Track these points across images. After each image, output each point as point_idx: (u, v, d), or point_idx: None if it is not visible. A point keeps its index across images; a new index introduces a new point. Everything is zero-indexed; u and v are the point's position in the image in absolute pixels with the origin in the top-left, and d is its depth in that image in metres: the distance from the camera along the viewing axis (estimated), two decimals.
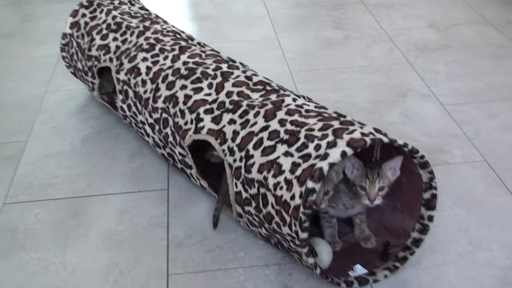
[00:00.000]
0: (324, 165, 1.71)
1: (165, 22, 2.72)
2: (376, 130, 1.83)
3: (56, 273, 2.03)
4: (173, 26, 2.66)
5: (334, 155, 1.72)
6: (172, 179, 2.44)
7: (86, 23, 2.73)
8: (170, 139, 2.24)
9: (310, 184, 1.71)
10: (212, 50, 2.45)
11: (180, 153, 2.23)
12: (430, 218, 1.94)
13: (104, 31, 2.64)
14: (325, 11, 3.94)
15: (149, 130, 2.38)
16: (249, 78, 2.20)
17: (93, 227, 2.22)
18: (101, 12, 2.73)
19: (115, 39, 2.58)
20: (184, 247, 2.12)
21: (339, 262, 2.02)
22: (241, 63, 2.36)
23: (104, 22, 2.68)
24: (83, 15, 2.77)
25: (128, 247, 2.13)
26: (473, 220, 2.20)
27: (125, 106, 2.46)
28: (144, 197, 2.35)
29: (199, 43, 2.50)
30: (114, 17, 2.68)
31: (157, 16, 2.78)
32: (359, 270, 1.98)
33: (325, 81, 3.10)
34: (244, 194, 1.95)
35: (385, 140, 1.75)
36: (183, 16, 3.93)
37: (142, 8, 2.86)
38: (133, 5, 2.85)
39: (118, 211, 2.29)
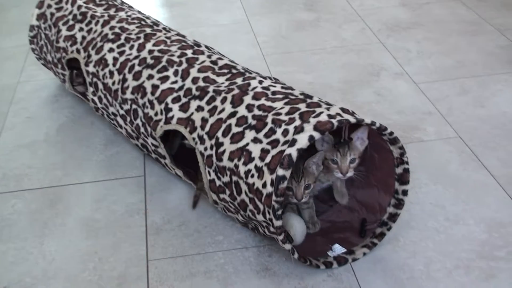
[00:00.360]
0: (292, 151, 1.71)
1: (130, 8, 2.69)
2: (344, 110, 1.83)
3: (35, 263, 2.03)
4: (139, 12, 2.63)
5: (302, 140, 1.72)
6: (148, 166, 2.43)
7: (52, 14, 2.70)
8: (142, 130, 2.24)
9: (280, 171, 1.71)
10: (178, 34, 2.43)
11: (152, 144, 2.23)
12: (405, 193, 1.96)
13: (71, 22, 2.61)
14: None
15: (121, 121, 2.37)
16: (214, 62, 2.20)
17: (70, 216, 2.21)
18: (66, 2, 2.70)
19: (81, 29, 2.56)
20: (163, 232, 2.12)
21: (317, 243, 2.03)
22: (206, 47, 2.35)
23: (70, 13, 2.65)
24: (49, 6, 2.74)
25: (107, 235, 2.13)
26: (449, 195, 2.21)
27: (96, 99, 2.45)
28: (121, 185, 2.34)
29: (164, 28, 2.48)
30: (79, 7, 2.65)
31: (122, 3, 2.75)
32: (338, 249, 1.99)
33: (298, 63, 3.11)
34: (218, 182, 1.96)
35: (352, 120, 1.76)
36: (153, 2, 3.91)
37: None
38: None
39: (95, 199, 2.28)
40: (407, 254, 1.99)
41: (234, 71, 2.15)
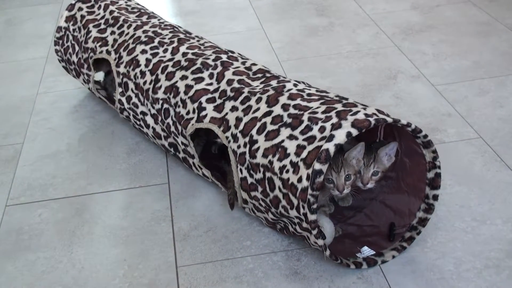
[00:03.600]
0: (330, 146, 1.72)
1: (161, 18, 2.73)
2: (379, 111, 1.84)
3: (65, 271, 2.04)
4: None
5: (340, 136, 1.73)
6: (172, 173, 2.44)
7: (83, 16, 2.74)
8: (172, 129, 2.25)
9: (317, 165, 1.72)
10: (210, 42, 2.46)
11: (182, 143, 2.24)
12: (435, 197, 1.96)
13: (102, 26, 2.65)
14: None
15: (150, 121, 2.38)
16: (248, 68, 2.21)
17: (97, 224, 2.22)
18: (99, 8, 2.74)
19: (112, 32, 2.59)
20: (190, 239, 2.13)
21: (346, 245, 2.04)
22: (239, 54, 2.36)
23: (102, 17, 2.69)
24: (80, 9, 2.78)
25: (134, 242, 2.14)
26: (474, 196, 2.22)
27: (123, 99, 2.46)
28: (145, 192, 2.35)
29: (197, 36, 2.51)
30: (111, 12, 2.69)
31: (153, 12, 2.79)
32: (366, 251, 2.00)
33: (314, 69, 3.12)
34: (250, 180, 1.96)
35: (389, 120, 1.77)
36: (167, 12, 3.93)
37: (138, 4, 2.87)
38: (130, 0, 2.86)
39: (121, 207, 2.29)
40: (436, 255, 1.99)
41: (268, 75, 2.16)
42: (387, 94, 2.85)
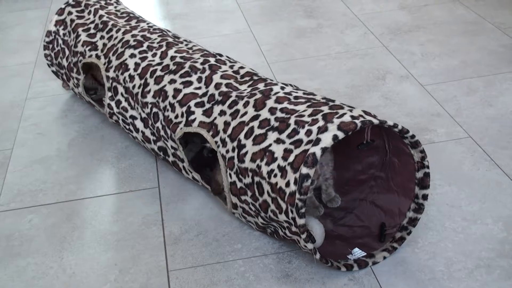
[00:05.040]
0: (317, 150, 1.73)
1: (150, 22, 2.73)
2: (366, 112, 1.85)
3: (56, 277, 2.03)
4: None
5: (326, 139, 1.73)
6: (162, 177, 2.44)
7: (72, 21, 2.74)
8: (162, 133, 2.25)
9: (304, 170, 1.73)
10: (199, 45, 2.46)
11: (172, 147, 2.24)
12: (425, 197, 1.97)
13: (92, 30, 2.66)
14: (295, 1, 3.95)
15: (140, 125, 2.38)
16: (236, 72, 2.22)
17: (88, 229, 2.22)
18: (89, 13, 2.75)
19: (102, 37, 2.60)
20: (181, 242, 2.13)
21: (336, 247, 2.04)
22: (227, 57, 2.36)
23: (92, 22, 2.70)
24: (70, 13, 2.79)
25: (125, 247, 2.13)
26: (464, 195, 2.23)
27: (113, 103, 2.46)
28: (136, 197, 2.35)
29: (185, 40, 2.51)
30: (100, 16, 2.69)
31: (141, 17, 2.79)
32: (357, 253, 2.00)
33: (303, 70, 3.12)
34: (239, 184, 1.96)
35: (375, 122, 1.77)
36: (155, 15, 3.92)
37: (127, 8, 2.87)
38: (119, 4, 2.86)
39: (111, 212, 2.29)
40: (427, 255, 2.00)
41: (255, 77, 2.16)
42: (376, 94, 2.85)
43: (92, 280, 2.01)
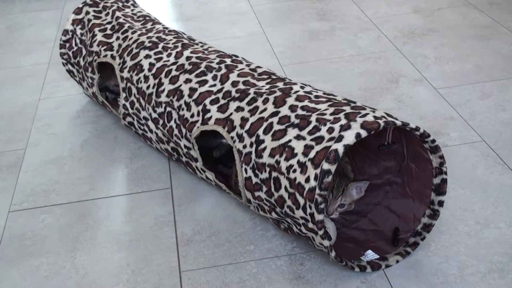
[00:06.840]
0: (339, 146, 1.72)
1: (165, 24, 2.75)
2: (388, 114, 1.84)
3: (68, 277, 2.04)
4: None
5: (349, 137, 1.73)
6: (175, 178, 2.44)
7: (89, 20, 2.76)
8: (175, 132, 2.25)
9: (325, 165, 1.72)
10: (214, 47, 2.46)
11: (185, 146, 2.24)
12: (440, 203, 1.96)
13: (108, 31, 2.67)
14: (308, 3, 3.95)
15: (152, 125, 2.39)
16: (253, 70, 2.21)
17: (100, 229, 2.22)
18: (106, 14, 2.75)
19: (117, 38, 2.60)
20: (194, 243, 2.13)
21: (350, 249, 2.04)
22: (243, 58, 2.37)
23: (108, 23, 2.71)
24: (87, 13, 2.80)
25: (138, 247, 2.13)
26: (477, 199, 2.22)
27: (127, 104, 2.47)
28: (148, 197, 2.35)
29: (201, 42, 2.51)
30: (117, 18, 2.70)
31: (157, 19, 2.80)
32: (370, 255, 2.00)
33: (316, 73, 3.12)
34: (254, 180, 1.96)
35: (398, 123, 1.77)
36: (168, 17, 3.93)
37: (143, 10, 2.88)
38: (135, 7, 2.87)
39: (123, 212, 2.29)
40: (440, 259, 1.99)
41: (273, 77, 2.16)
42: (389, 97, 2.85)
43: (105, 280, 2.02)
